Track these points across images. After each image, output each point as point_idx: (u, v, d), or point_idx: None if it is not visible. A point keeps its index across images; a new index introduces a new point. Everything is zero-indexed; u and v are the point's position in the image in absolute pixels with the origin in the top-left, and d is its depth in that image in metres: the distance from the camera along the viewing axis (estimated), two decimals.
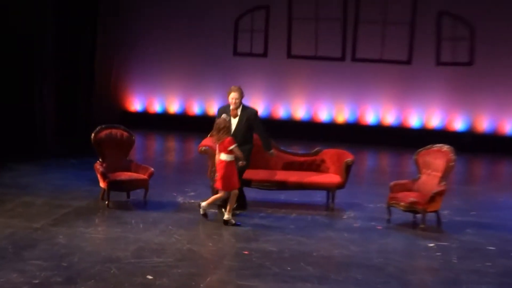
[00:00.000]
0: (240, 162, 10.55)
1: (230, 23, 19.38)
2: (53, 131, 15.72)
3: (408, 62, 18.76)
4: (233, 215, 10.43)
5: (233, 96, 10.69)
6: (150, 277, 8.06)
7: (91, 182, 12.33)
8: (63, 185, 12.33)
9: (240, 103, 10.77)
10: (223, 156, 10.31)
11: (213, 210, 10.78)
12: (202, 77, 19.23)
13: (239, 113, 10.76)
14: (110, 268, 8.28)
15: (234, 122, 10.72)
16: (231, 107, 10.71)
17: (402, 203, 10.71)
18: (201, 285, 7.88)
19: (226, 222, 10.28)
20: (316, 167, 12.00)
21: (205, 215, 10.47)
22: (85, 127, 16.98)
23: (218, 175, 10.40)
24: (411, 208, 10.69)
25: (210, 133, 10.45)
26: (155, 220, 10.40)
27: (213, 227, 10.20)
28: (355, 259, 9.07)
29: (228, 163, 10.30)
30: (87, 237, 9.47)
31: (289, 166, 11.96)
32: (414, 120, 18.79)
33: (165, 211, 10.92)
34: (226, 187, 10.36)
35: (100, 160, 11.39)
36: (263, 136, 11.02)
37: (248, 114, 10.81)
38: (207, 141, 10.98)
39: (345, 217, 11.18)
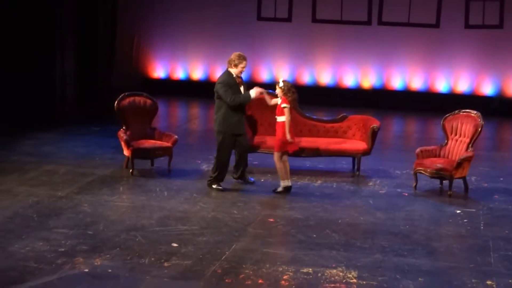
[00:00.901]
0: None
1: None
2: (73, 98, 15.83)
3: (436, 25, 18.62)
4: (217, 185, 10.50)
5: (245, 65, 10.42)
6: (175, 244, 8.18)
7: (114, 150, 12.45)
8: (85, 153, 12.46)
9: None
10: (281, 118, 10.33)
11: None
12: (225, 43, 19.21)
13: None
14: (135, 236, 8.40)
15: (242, 90, 10.44)
16: (240, 75, 10.43)
17: (429, 170, 10.73)
18: (226, 252, 7.98)
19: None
20: (342, 134, 12.04)
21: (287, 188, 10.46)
22: (107, 94, 17.12)
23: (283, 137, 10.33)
24: (438, 175, 10.71)
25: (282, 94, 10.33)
26: (179, 188, 10.51)
27: (238, 194, 10.29)
28: (381, 226, 9.13)
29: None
30: (112, 206, 9.60)
31: (315, 133, 12.01)
32: (441, 85, 18.70)
33: (189, 179, 11.02)
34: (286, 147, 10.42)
35: (123, 128, 11.49)
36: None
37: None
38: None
39: (371, 184, 11.23)
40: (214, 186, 10.44)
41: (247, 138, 10.78)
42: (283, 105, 10.27)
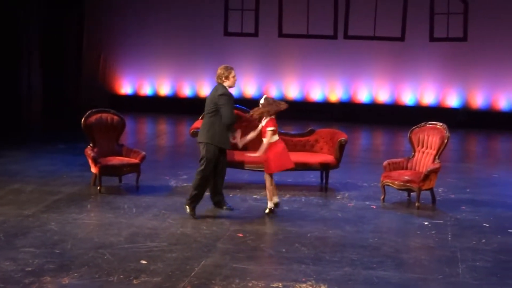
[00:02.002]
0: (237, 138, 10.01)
1: (219, 2, 19.38)
2: (39, 116, 15.73)
3: (401, 38, 18.82)
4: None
5: (235, 74, 9.93)
6: (144, 261, 8.13)
7: (81, 168, 12.37)
8: (52, 171, 12.36)
9: None
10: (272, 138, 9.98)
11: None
12: (192, 59, 19.26)
13: None
14: (103, 254, 8.34)
15: None
16: (233, 87, 9.95)
17: (396, 182, 10.79)
18: (196, 268, 7.95)
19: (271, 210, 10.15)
20: (310, 147, 12.07)
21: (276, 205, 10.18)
22: (74, 111, 17.03)
23: (268, 158, 10.00)
24: (406, 187, 10.78)
25: (257, 110, 9.99)
26: (148, 205, 10.46)
27: (206, 210, 10.26)
28: (350, 239, 9.15)
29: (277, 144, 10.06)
30: (80, 223, 9.53)
31: None
32: (408, 98, 18.87)
33: (158, 195, 10.98)
34: (279, 167, 10.16)
35: (90, 145, 11.43)
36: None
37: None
38: (198, 124, 10.92)
39: (339, 197, 11.26)
40: (189, 210, 9.90)
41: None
42: (269, 128, 9.95)
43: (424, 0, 18.64)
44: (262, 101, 10.06)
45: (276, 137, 10.06)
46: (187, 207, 9.91)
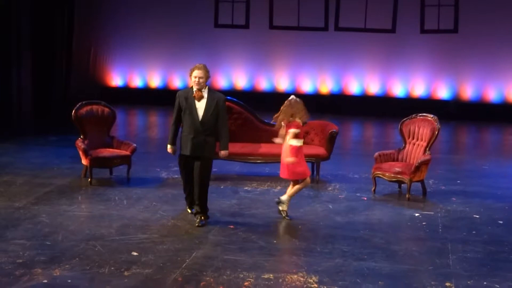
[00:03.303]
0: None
1: None
2: (30, 108, 15.68)
3: (392, 30, 18.82)
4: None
5: (196, 74, 9.06)
6: (135, 253, 8.13)
7: (72, 160, 12.35)
8: (43, 163, 12.34)
9: (205, 83, 9.18)
10: (294, 142, 9.53)
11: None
12: (183, 50, 19.21)
13: (205, 96, 9.18)
14: (94, 246, 8.33)
15: (200, 106, 9.15)
16: (195, 88, 9.13)
17: (387, 174, 10.82)
18: (187, 260, 7.95)
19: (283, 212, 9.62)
20: None
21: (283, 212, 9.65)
22: (64, 104, 16.99)
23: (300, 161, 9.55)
24: (396, 179, 10.80)
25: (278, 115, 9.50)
26: (138, 197, 10.45)
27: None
28: (341, 231, 9.17)
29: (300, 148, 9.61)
30: (71, 215, 9.51)
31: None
32: (398, 90, 18.89)
33: (149, 187, 10.97)
34: (301, 174, 9.64)
35: (81, 137, 11.41)
36: (225, 130, 9.36)
37: (218, 99, 9.22)
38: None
39: (330, 189, 11.28)
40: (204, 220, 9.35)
41: None
42: (292, 130, 9.49)
43: None
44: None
45: (301, 143, 9.64)
46: (204, 219, 9.39)
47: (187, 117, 9.19)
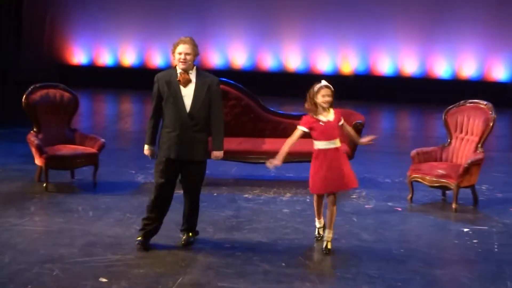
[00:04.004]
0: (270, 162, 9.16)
1: None
2: None
3: None
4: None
5: (182, 50, 8.79)
6: (104, 279, 8.15)
7: (23, 159, 12.38)
8: None
9: (193, 62, 8.89)
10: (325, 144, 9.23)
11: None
12: (164, 19, 19.25)
13: (193, 79, 8.90)
14: (51, 270, 8.35)
15: (187, 93, 8.87)
16: (180, 67, 8.85)
17: (428, 177, 10.83)
18: None
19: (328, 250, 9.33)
20: None
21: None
22: (12, 87, 17.01)
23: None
24: (440, 184, 10.81)
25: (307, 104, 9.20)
26: (108, 207, 10.47)
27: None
28: (368, 251, 9.18)
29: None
30: (21, 230, 9.53)
31: (281, 132, 12.04)
32: (442, 69, 18.91)
33: (121, 194, 11.00)
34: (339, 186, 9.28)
35: (34, 130, 11.42)
36: (220, 124, 9.11)
37: (210, 82, 8.94)
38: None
39: (354, 196, 11.30)
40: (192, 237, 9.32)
41: None
42: (342, 120, 9.27)
43: None
44: (324, 82, 9.29)
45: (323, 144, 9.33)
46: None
47: (171, 108, 8.93)
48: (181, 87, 8.86)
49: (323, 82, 9.21)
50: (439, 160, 11.18)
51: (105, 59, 19.82)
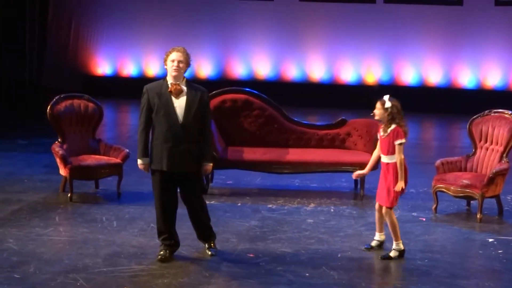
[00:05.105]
0: None
1: None
2: None
3: (459, 2, 18.77)
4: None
5: (175, 57, 8.79)
6: None
7: (47, 169, 12.42)
8: (10, 174, 12.42)
9: (185, 71, 8.87)
10: (392, 158, 9.35)
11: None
12: (189, 29, 19.25)
13: (185, 89, 8.84)
14: (76, 280, 8.36)
15: (179, 104, 8.76)
16: (172, 74, 8.78)
17: (453, 187, 10.79)
18: None
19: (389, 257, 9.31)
20: (340, 143, 12.07)
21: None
22: (37, 97, 17.07)
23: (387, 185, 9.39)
24: (464, 194, 10.77)
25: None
26: (132, 217, 10.49)
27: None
28: (393, 261, 9.15)
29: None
30: (45, 241, 9.55)
31: (305, 142, 12.04)
32: (467, 79, 18.85)
33: (145, 205, 10.99)
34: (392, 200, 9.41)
35: (59, 140, 11.46)
36: (209, 134, 9.17)
37: (202, 93, 8.87)
38: None
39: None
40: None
41: None
42: (398, 141, 9.30)
43: None
44: (388, 104, 9.46)
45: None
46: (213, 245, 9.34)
47: (162, 120, 8.76)
48: (173, 98, 8.77)
49: (385, 97, 9.53)
50: (464, 170, 11.14)
51: (130, 69, 19.88)
